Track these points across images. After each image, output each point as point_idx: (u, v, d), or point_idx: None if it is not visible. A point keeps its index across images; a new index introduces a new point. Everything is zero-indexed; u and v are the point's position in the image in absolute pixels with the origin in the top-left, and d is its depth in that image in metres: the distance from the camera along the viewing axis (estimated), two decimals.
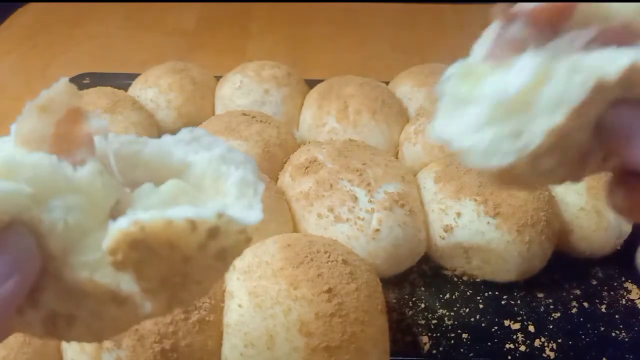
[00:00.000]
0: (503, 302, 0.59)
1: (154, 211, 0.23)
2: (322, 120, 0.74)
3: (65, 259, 0.23)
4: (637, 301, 0.60)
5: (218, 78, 0.85)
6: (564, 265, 0.63)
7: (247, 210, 0.24)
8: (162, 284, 0.24)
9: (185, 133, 0.27)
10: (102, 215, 0.24)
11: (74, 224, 0.23)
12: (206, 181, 0.26)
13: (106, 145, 0.26)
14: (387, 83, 0.84)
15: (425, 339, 0.55)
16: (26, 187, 0.22)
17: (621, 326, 0.57)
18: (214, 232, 0.23)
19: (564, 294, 0.61)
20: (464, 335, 0.56)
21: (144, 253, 0.23)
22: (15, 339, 0.44)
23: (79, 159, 0.25)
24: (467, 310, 0.58)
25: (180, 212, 0.22)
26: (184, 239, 0.23)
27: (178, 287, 0.24)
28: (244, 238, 0.24)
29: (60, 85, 0.26)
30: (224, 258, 0.24)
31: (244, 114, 0.70)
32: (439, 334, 0.55)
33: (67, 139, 0.26)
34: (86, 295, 0.24)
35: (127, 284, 0.24)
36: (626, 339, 0.56)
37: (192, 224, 0.22)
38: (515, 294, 0.60)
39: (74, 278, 0.23)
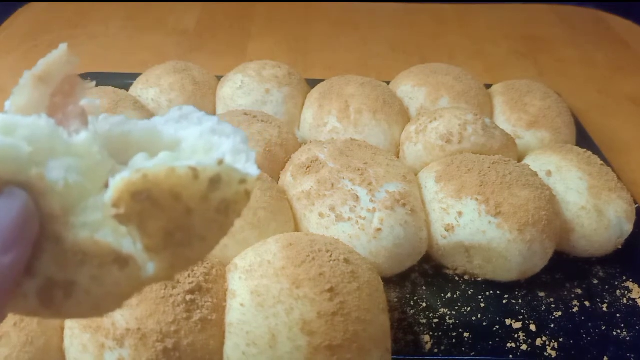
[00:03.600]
0: (504, 301, 0.59)
1: (156, 160, 0.23)
2: (323, 119, 0.74)
3: (65, 219, 0.23)
4: (638, 300, 0.60)
5: (219, 78, 0.85)
6: (565, 265, 0.64)
7: (244, 163, 0.25)
8: (166, 240, 0.24)
9: (174, 111, 0.27)
10: (99, 182, 0.24)
11: (74, 184, 0.23)
12: (198, 154, 0.26)
13: (97, 126, 0.26)
14: (387, 82, 0.84)
15: (427, 338, 0.55)
16: (25, 145, 0.22)
17: (622, 325, 0.57)
18: (215, 181, 0.23)
19: (566, 293, 0.61)
20: (466, 335, 0.56)
21: (146, 205, 0.23)
22: (18, 338, 0.44)
23: (73, 130, 0.25)
24: (469, 309, 0.58)
25: (183, 160, 0.23)
26: (187, 189, 0.23)
27: (181, 244, 0.24)
28: (244, 191, 0.24)
29: (58, 52, 0.26)
30: (226, 212, 0.24)
31: (245, 114, 0.70)
32: (440, 333, 0.56)
33: (62, 111, 0.26)
34: (87, 258, 0.23)
35: (129, 243, 0.24)
36: (627, 338, 0.56)
37: (194, 172, 0.23)
38: (516, 293, 0.60)
39: (74, 239, 0.23)
